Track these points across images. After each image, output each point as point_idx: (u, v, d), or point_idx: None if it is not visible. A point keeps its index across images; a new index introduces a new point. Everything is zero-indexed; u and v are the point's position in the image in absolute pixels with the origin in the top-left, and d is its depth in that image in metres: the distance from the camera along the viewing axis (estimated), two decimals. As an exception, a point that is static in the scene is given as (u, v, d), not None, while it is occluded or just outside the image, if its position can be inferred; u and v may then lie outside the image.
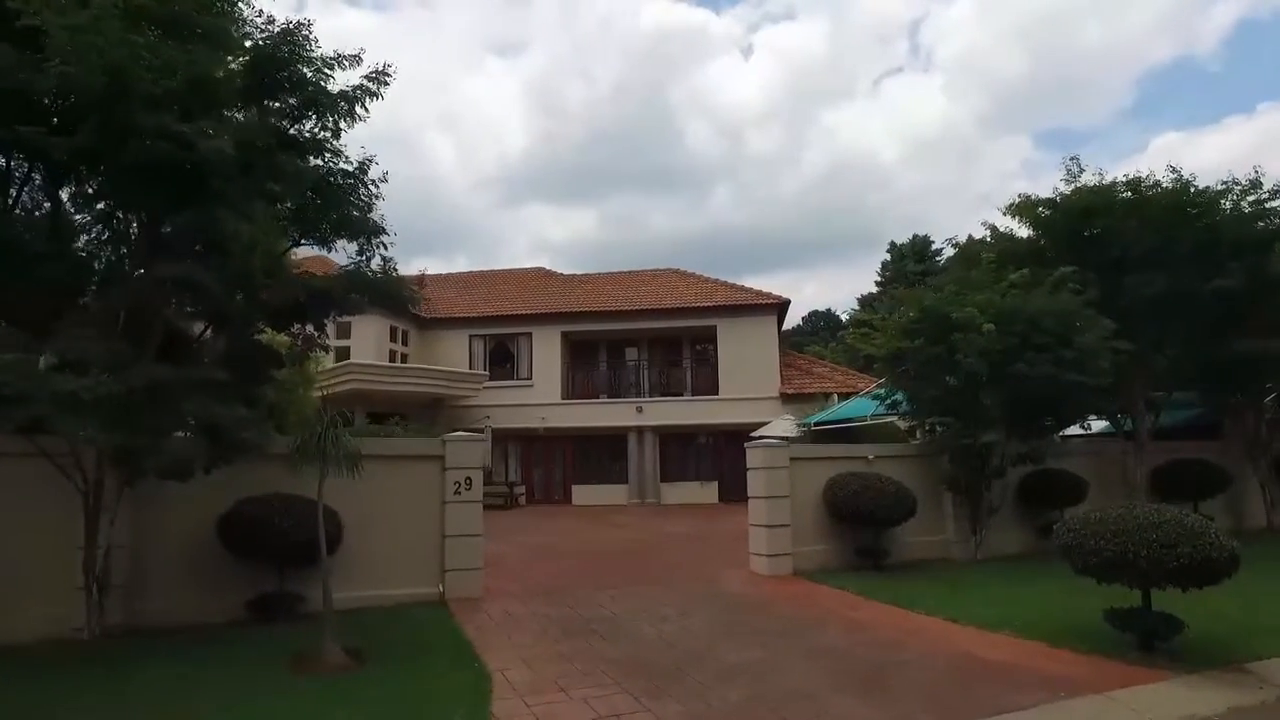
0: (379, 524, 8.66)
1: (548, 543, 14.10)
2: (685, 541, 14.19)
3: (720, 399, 22.72)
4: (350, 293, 7.80)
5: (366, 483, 8.75)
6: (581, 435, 23.53)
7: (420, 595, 8.62)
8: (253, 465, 8.19)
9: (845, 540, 10.67)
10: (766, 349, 22.66)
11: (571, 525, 17.20)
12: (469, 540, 8.94)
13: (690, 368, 24.67)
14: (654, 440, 23.12)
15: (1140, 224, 12.11)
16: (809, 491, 10.67)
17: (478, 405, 23.03)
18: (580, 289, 26.25)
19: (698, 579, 10.08)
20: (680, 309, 23.51)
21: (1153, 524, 5.84)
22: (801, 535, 10.50)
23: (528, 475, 23.78)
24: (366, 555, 8.56)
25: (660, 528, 16.51)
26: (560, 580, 10.11)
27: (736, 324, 23.00)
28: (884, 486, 10.33)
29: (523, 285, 27.32)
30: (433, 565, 8.79)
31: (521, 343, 24.40)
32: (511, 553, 12.82)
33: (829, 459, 11.07)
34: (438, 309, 25.22)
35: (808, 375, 23.21)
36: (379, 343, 21.97)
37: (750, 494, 10.75)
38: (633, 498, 22.65)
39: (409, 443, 8.95)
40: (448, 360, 23.53)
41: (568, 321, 24.14)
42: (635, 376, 24.92)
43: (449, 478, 8.93)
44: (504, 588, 9.55)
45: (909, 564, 10.78)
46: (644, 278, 27.03)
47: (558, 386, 23.71)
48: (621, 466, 23.28)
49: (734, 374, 22.70)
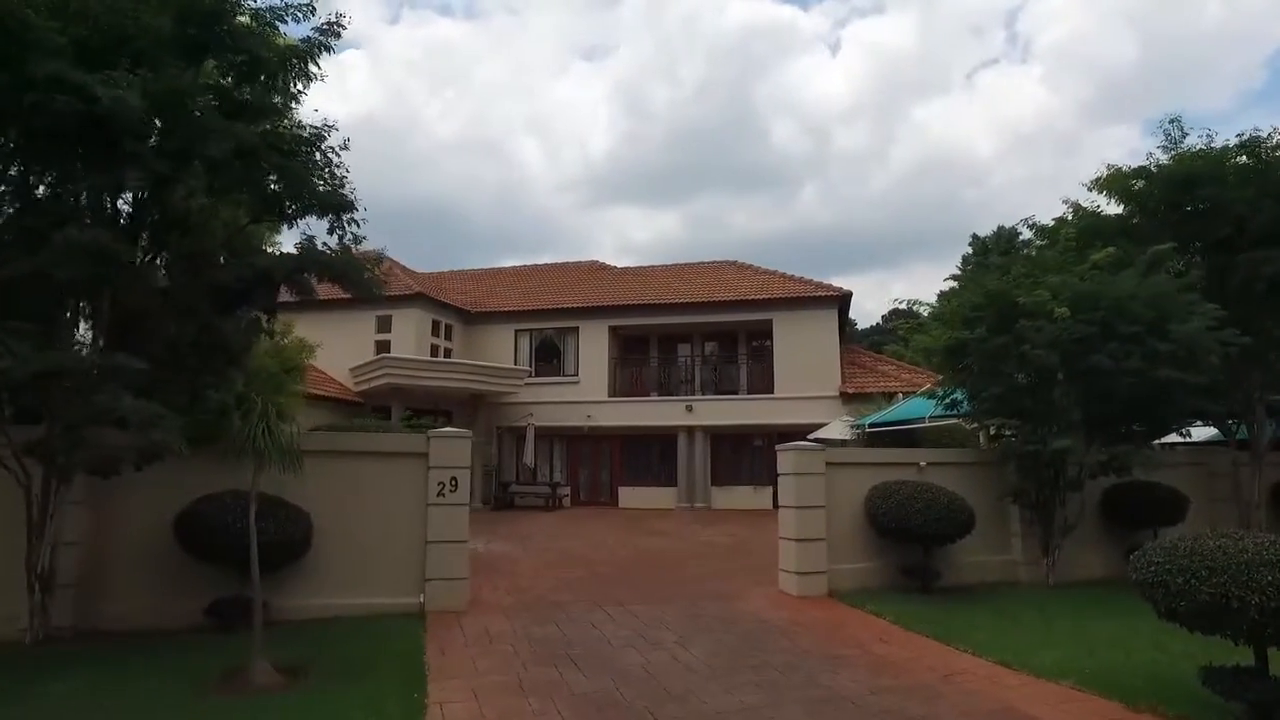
0: (356, 526, 8.02)
1: (571, 549, 13.29)
2: (722, 553, 13.12)
3: (776, 398, 21.43)
4: (299, 271, 7.12)
5: (342, 481, 8.14)
6: (629, 435, 22.68)
7: (398, 606, 7.91)
8: (220, 459, 7.67)
9: (889, 558, 9.41)
10: (826, 345, 21.22)
11: (606, 530, 16.36)
12: (453, 547, 8.18)
13: (745, 364, 23.45)
14: (705, 441, 22.03)
15: (1259, 193, 10.30)
16: (848, 501, 9.47)
17: (521, 402, 22.48)
18: (631, 282, 25.40)
19: (716, 597, 9.03)
20: (734, 302, 22.31)
21: (1269, 560, 4.39)
22: (839, 551, 9.31)
23: (573, 475, 23.09)
24: (341, 560, 7.92)
25: (700, 536, 15.47)
26: (562, 593, 9.25)
27: (794, 318, 21.65)
28: (935, 497, 9.02)
29: (573, 279, 26.68)
30: (414, 573, 8.07)
31: (568, 338, 23.71)
32: (527, 559, 12.07)
33: (873, 465, 9.82)
34: (484, 302, 24.85)
35: (872, 373, 21.62)
36: (420, 336, 21.68)
37: (780, 503, 9.64)
38: (681, 501, 21.64)
39: (389, 438, 8.31)
40: (493, 356, 23.08)
41: (616, 315, 23.30)
42: (686, 373, 23.87)
43: (433, 478, 8.20)
44: (496, 600, 8.76)
45: (965, 587, 9.43)
46: (698, 270, 25.94)
47: (605, 383, 22.91)
48: (670, 468, 22.29)
49: (791, 371, 21.38)
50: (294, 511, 7.58)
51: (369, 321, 21.99)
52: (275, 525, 7.29)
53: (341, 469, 8.06)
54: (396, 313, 21.76)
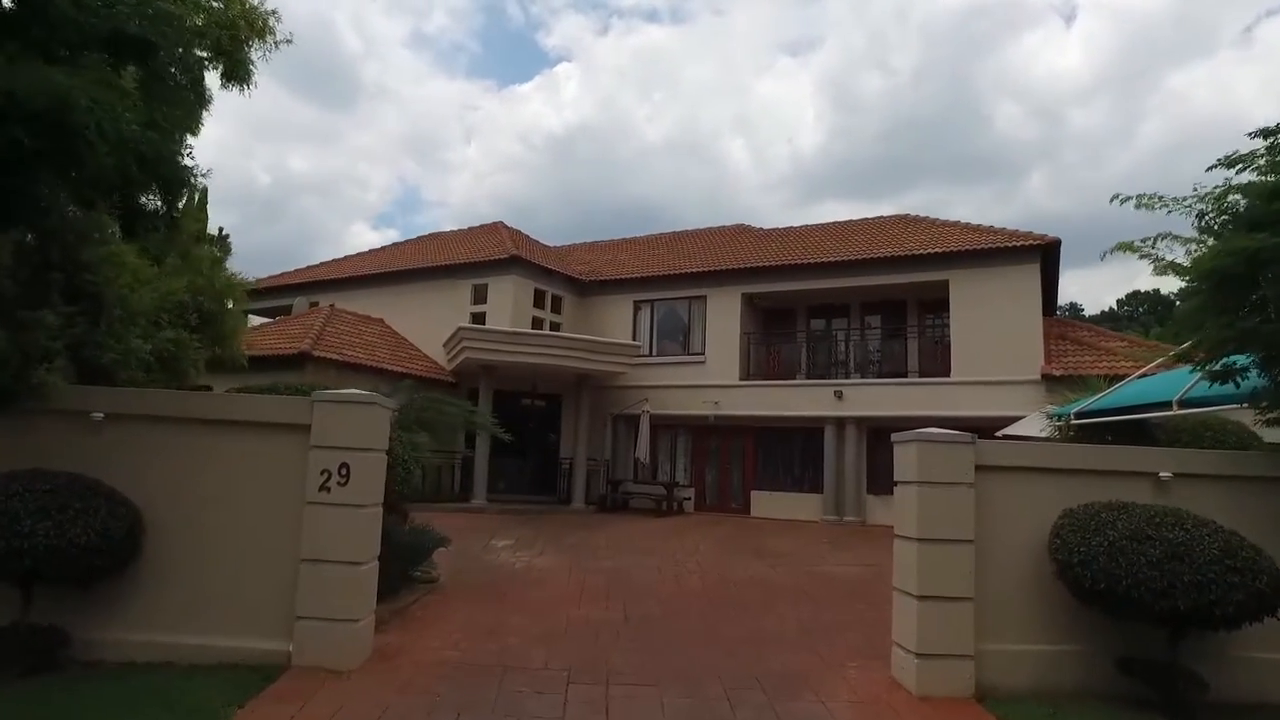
0: (206, 528, 5.57)
1: (634, 572, 10.25)
2: (837, 593, 9.47)
3: (953, 382, 16.88)
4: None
5: (189, 461, 5.70)
6: (764, 427, 19.11)
7: (254, 653, 5.36)
8: (32, 424, 5.60)
9: (1097, 641, 5.48)
10: (1023, 312, 16.30)
11: (705, 546, 13.11)
12: (341, 571, 5.47)
13: (914, 340, 18.93)
14: (858, 436, 17.95)
15: None
16: (1018, 535, 5.65)
17: (638, 386, 19.70)
18: (776, 243, 21.70)
19: (776, 683, 5.60)
20: (899, 259, 17.92)
21: None
22: (998, 621, 5.54)
23: (698, 475, 19.90)
24: (183, 577, 5.53)
25: (822, 563, 11.80)
26: (550, 647, 6.26)
27: (979, 278, 16.93)
28: (1193, 537, 4.99)
29: (706, 242, 23.48)
30: (282, 606, 5.46)
31: (694, 309, 20.52)
32: (565, 582, 9.29)
33: (1066, 473, 5.85)
34: (602, 271, 22.35)
35: (1092, 350, 16.34)
36: (518, 308, 19.55)
37: (896, 530, 5.99)
38: (827, 512, 17.74)
39: (251, 402, 5.75)
40: (609, 332, 20.45)
41: (751, 280, 19.76)
42: (837, 352, 19.78)
43: (315, 462, 5.55)
44: (431, 653, 5.97)
45: (1258, 709, 5.26)
46: (858, 227, 21.70)
47: (735, 364, 19.48)
48: (815, 470, 18.45)
49: (975, 347, 16.72)
50: (114, 502, 5.29)
51: (465, 291, 20.26)
52: (84, 521, 5.06)
53: (189, 445, 5.64)
54: (492, 281, 19.84)
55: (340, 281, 23.69)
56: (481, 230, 24.39)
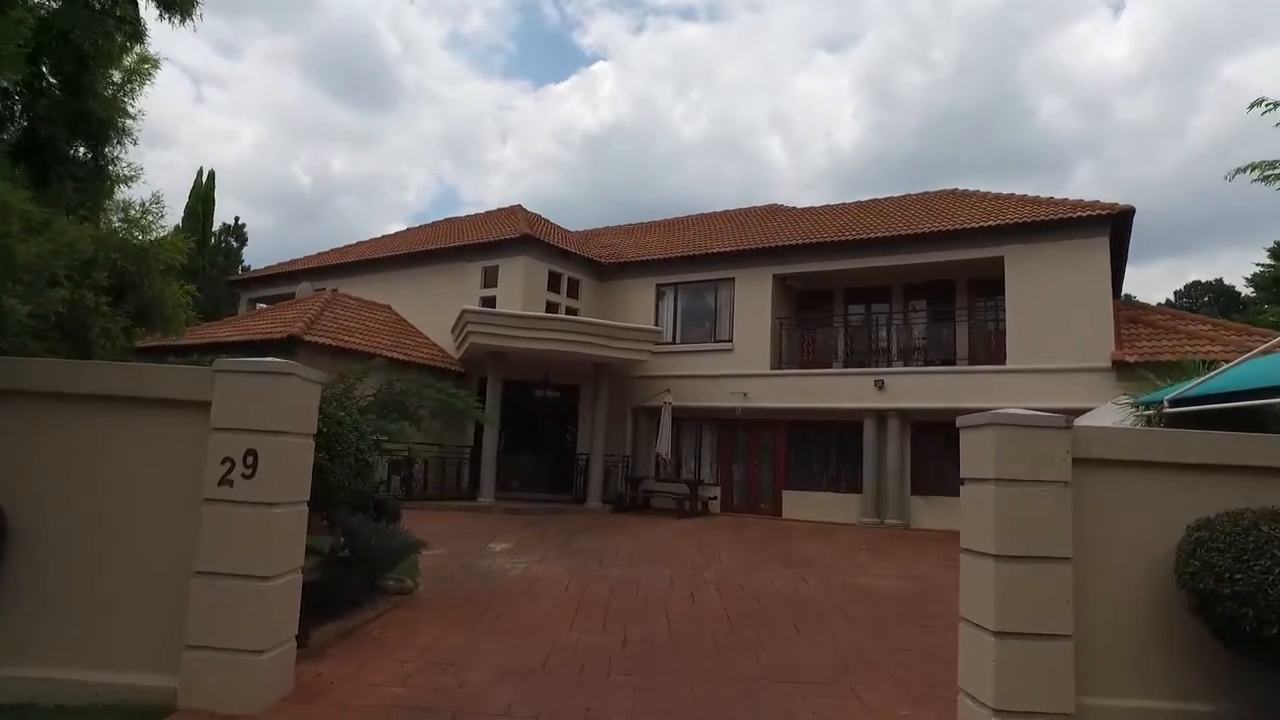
0: (82, 533, 4.44)
1: (643, 583, 9.00)
2: (882, 612, 8.12)
3: (1009, 370, 15.33)
4: None
5: (60, 448, 4.59)
6: (797, 420, 17.71)
7: (137, 691, 4.23)
8: None
9: (1243, 697, 4.09)
10: (1091, 291, 14.68)
11: (726, 553, 11.83)
12: (246, 588, 4.30)
13: (963, 324, 17.36)
14: (901, 431, 16.48)
15: None
16: (1131, 552, 4.30)
17: (662, 375, 18.45)
18: (810, 222, 20.24)
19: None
20: (948, 234, 16.38)
21: None
22: (1106, 666, 4.19)
23: (724, 473, 18.57)
24: (52, 596, 4.39)
25: (861, 574, 10.41)
26: (503, 689, 5.01)
27: (1039, 253, 15.34)
28: (1392, 561, 3.58)
29: (735, 224, 22.10)
30: (173, 631, 4.32)
31: (721, 292, 19.16)
32: (562, 594, 8.11)
33: (1199, 469, 4.45)
34: (623, 253, 21.11)
35: (1170, 334, 14.65)
36: (530, 291, 18.38)
37: (964, 543, 4.64)
38: (866, 514, 16.32)
39: (132, 373, 4.55)
40: (630, 319, 19.19)
41: (783, 260, 18.35)
42: (878, 337, 18.27)
43: (215, 448, 4.39)
44: (366, 691, 4.77)
45: None
46: (902, 203, 20.18)
47: (766, 351, 18.10)
48: (854, 468, 17.02)
49: (1033, 331, 15.16)
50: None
51: (475, 275, 19.15)
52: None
53: (63, 428, 4.52)
54: (503, 263, 18.71)
55: (348, 267, 22.80)
56: (499, 213, 23.31)
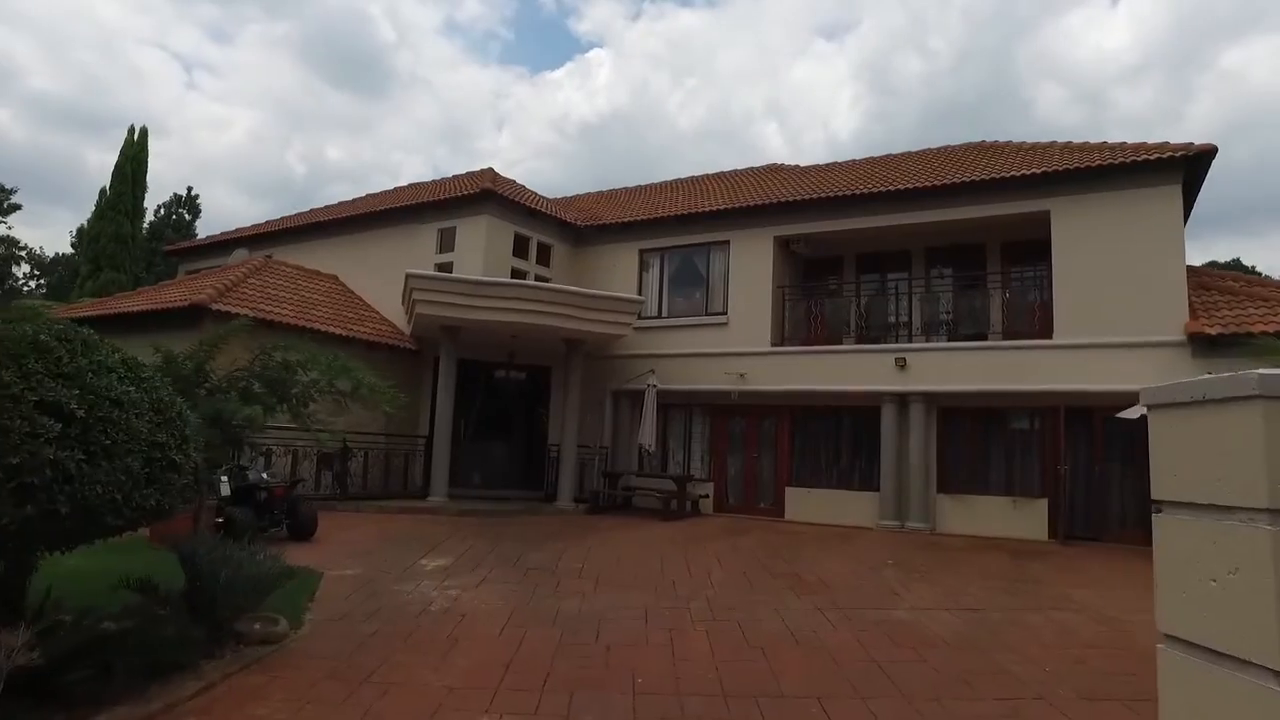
0: None
1: (608, 617, 6.82)
2: (933, 673, 5.93)
3: (1058, 345, 13.13)
4: None
5: None
6: (802, 405, 15.51)
7: None
8: None
9: None
10: (1159, 252, 12.45)
11: (720, 570, 9.67)
12: None
13: (997, 291, 15.11)
14: (926, 417, 14.27)
15: None
16: None
17: (641, 354, 16.25)
18: (815, 180, 17.96)
19: None
20: (983, 182, 14.12)
21: None
22: None
23: (718, 467, 16.36)
24: None
25: (894, 605, 8.21)
26: None
27: (1093, 205, 13.12)
28: None
29: (731, 183, 19.83)
30: None
31: (715, 257, 16.89)
32: (496, 637, 5.95)
33: None
34: (603, 215, 18.81)
35: (1256, 302, 12.46)
36: (493, 256, 16.04)
37: (1157, 553, 2.30)
38: (885, 516, 14.14)
39: None
40: (610, 289, 16.91)
41: (785, 218, 16.06)
42: (898, 309, 16.02)
43: None
44: None
45: None
46: (921, 158, 17.91)
47: (766, 326, 15.87)
48: (869, 461, 14.85)
49: (1086, 299, 12.95)
50: None
51: (430, 239, 16.83)
52: None
53: None
54: (461, 224, 16.40)
55: (294, 232, 20.48)
56: (465, 176, 20.96)
